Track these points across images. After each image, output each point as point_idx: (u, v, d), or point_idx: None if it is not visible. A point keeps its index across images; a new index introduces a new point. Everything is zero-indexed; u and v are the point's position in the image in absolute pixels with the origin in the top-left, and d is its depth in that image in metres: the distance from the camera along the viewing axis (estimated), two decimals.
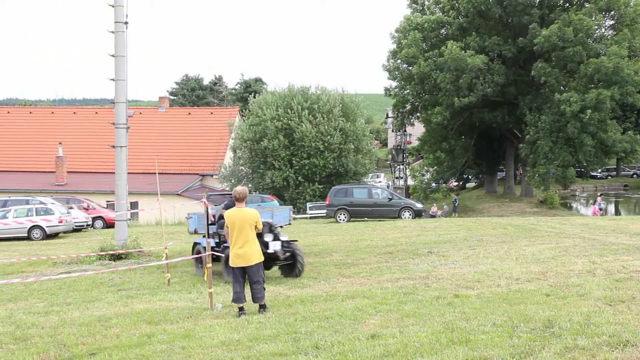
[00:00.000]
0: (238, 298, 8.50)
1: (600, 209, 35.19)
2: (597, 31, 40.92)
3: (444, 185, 50.89)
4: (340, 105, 39.05)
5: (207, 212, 12.35)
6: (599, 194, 46.35)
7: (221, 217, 11.09)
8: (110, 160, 19.61)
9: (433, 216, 36.60)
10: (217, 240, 11.81)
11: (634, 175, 64.81)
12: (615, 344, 6.03)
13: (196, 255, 12.33)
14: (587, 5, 39.98)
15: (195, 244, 11.93)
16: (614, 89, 37.76)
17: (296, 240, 12.06)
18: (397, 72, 46.74)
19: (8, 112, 51.58)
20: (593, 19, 39.35)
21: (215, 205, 13.65)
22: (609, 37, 41.38)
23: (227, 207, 10.87)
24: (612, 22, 42.01)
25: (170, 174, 39.39)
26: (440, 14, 43.69)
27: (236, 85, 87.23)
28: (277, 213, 16.29)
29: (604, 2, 39.39)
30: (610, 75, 37.52)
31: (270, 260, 10.65)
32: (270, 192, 36.34)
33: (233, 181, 38.54)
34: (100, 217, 31.74)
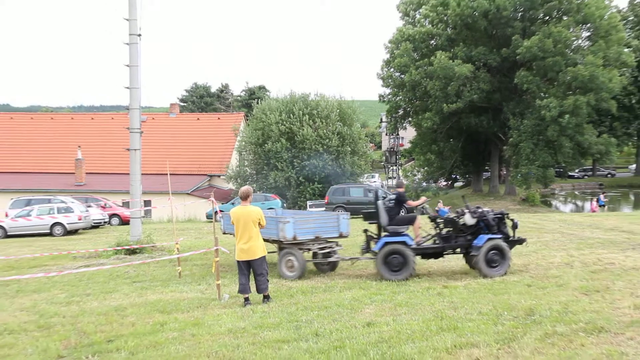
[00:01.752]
0: (243, 289, 8.52)
1: (602, 205, 35.22)
2: (574, 42, 40.98)
3: (433, 184, 51.10)
4: (338, 110, 39.02)
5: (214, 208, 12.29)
6: (601, 190, 46.29)
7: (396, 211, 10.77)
8: (125, 162, 19.60)
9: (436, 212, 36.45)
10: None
11: (609, 175, 64.79)
12: (590, 330, 6.07)
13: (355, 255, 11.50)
14: (565, 18, 40.03)
15: (387, 243, 10.21)
16: (590, 96, 37.92)
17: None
18: (390, 80, 46.72)
19: (31, 118, 51.55)
20: (571, 31, 39.43)
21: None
22: (585, 47, 41.42)
23: (400, 201, 10.83)
24: (588, 33, 42.07)
25: (180, 174, 39.35)
26: (430, 26, 43.67)
27: (241, 92, 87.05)
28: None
29: (581, 15, 39.46)
30: (587, 82, 37.65)
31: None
32: (273, 191, 36.31)
33: (239, 181, 38.53)
34: (116, 215, 31.74)
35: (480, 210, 10.35)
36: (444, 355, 5.38)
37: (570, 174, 60.56)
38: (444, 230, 10.70)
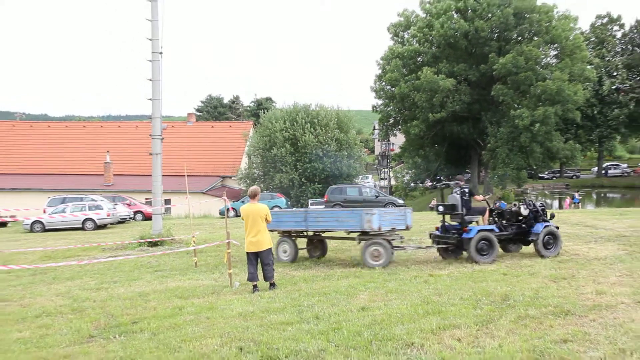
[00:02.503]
0: (252, 277, 8.51)
1: (576, 203, 35.21)
2: (543, 60, 41.18)
3: (420, 185, 51.14)
4: (336, 119, 39.05)
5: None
6: (576, 190, 46.22)
7: (468, 204, 10.85)
8: (148, 165, 19.60)
9: (432, 209, 36.39)
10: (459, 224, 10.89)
11: (574, 177, 64.71)
12: (558, 313, 6.07)
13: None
14: (535, 38, 40.16)
15: (480, 231, 10.27)
16: (557, 107, 38.11)
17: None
18: (382, 93, 46.74)
19: (66, 127, 51.56)
20: (540, 49, 39.58)
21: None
22: (553, 64, 41.59)
23: (471, 194, 10.96)
24: (556, 52, 42.29)
25: (196, 176, 39.32)
26: (417, 45, 43.67)
27: (250, 103, 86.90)
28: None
29: (549, 36, 39.62)
30: (555, 95, 37.82)
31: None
32: (278, 190, 36.30)
33: (248, 182, 38.53)
34: (140, 212, 31.72)
35: (531, 203, 10.93)
36: (430, 336, 5.37)
37: (540, 175, 60.53)
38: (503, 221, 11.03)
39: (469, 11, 40.89)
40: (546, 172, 61.32)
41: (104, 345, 5.81)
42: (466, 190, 10.89)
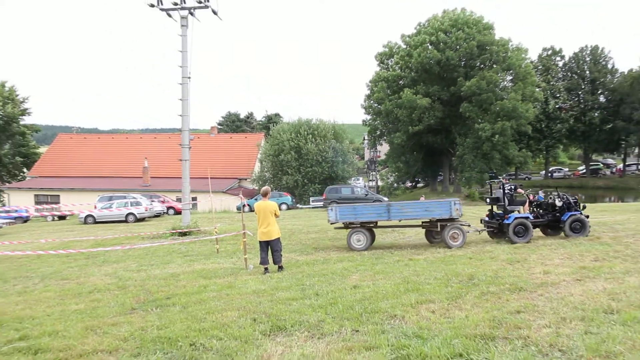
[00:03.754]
0: (263, 261, 8.48)
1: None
2: (501, 83, 41.25)
3: (402, 185, 51.13)
4: (332, 131, 38.99)
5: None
6: (540, 189, 46.04)
7: (511, 196, 11.14)
8: (178, 169, 19.53)
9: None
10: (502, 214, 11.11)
11: (526, 178, 64.52)
12: (513, 289, 6.06)
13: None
14: (495, 66, 40.27)
15: (516, 218, 10.52)
16: (512, 121, 38.23)
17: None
18: (370, 109, 46.74)
19: (112, 138, 51.43)
20: (499, 75, 39.68)
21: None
22: (509, 87, 41.67)
23: (510, 190, 11.16)
24: (511, 77, 42.35)
25: (218, 178, 39.11)
26: (399, 70, 43.70)
27: (262, 118, 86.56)
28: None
29: (506, 64, 39.74)
30: (510, 112, 37.92)
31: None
32: (285, 190, 36.27)
33: (260, 182, 38.50)
34: (172, 207, 31.63)
35: (565, 196, 11.24)
36: (409, 309, 5.36)
37: (499, 177, 60.66)
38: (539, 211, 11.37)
39: (441, 44, 40.93)
40: (504, 175, 61.37)
41: (143, 316, 5.80)
42: (512, 186, 11.33)
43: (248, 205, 30.13)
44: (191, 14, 16.40)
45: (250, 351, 4.29)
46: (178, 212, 29.62)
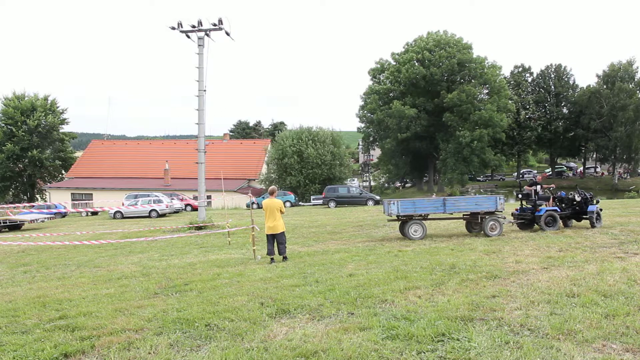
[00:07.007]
0: (270, 252, 8.44)
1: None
2: (479, 96, 41.34)
3: (392, 185, 51.16)
4: (331, 137, 39.00)
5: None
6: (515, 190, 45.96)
7: (535, 191, 11.30)
8: (195, 171, 19.57)
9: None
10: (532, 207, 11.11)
11: (501, 179, 64.74)
12: (489, 277, 6.04)
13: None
14: (473, 81, 40.42)
15: (547, 211, 10.61)
16: (489, 129, 38.32)
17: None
18: (364, 118, 46.89)
19: (137, 144, 51.52)
20: (477, 88, 39.73)
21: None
22: (485, 99, 41.73)
23: (538, 188, 11.40)
24: (487, 91, 42.43)
25: (229, 178, 38.98)
26: (389, 84, 43.79)
27: (268, 126, 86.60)
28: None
29: (482, 79, 39.88)
30: (487, 121, 38.01)
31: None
32: (289, 189, 36.26)
33: (267, 183, 38.48)
34: (189, 204, 31.60)
35: (583, 192, 11.26)
36: (398, 294, 5.34)
37: (478, 178, 60.78)
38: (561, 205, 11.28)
39: (426, 61, 41.04)
40: (482, 176, 61.55)
41: (164, 299, 5.78)
42: (539, 185, 11.55)
43: (256, 202, 30.11)
44: (207, 35, 16.41)
45: (258, 331, 4.29)
46: (195, 209, 29.57)
